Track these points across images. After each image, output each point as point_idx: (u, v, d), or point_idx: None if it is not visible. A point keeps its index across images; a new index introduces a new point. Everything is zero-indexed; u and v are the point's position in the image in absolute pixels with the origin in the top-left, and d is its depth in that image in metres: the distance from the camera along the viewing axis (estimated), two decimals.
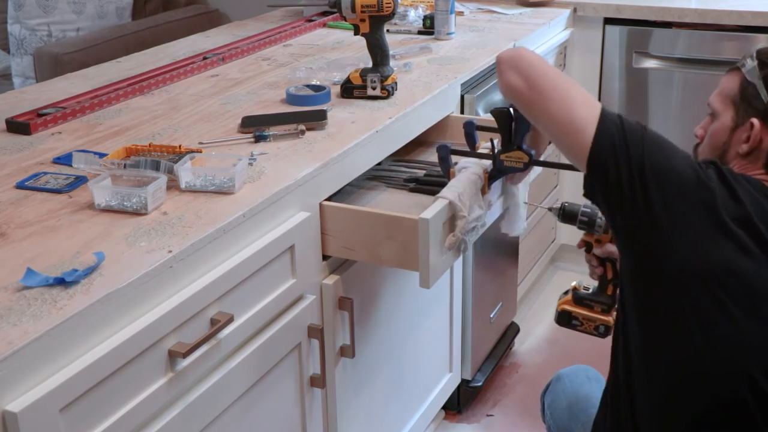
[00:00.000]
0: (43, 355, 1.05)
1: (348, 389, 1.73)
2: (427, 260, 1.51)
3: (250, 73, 2.12)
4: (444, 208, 1.53)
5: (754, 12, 2.64)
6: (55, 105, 1.85)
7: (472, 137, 1.71)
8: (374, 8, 1.82)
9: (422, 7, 2.70)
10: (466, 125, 1.71)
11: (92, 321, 1.11)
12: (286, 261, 1.47)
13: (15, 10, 3.62)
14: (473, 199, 1.60)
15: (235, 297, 1.35)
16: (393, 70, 1.91)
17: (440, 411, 2.33)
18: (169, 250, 1.24)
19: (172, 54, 2.32)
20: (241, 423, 1.41)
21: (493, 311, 2.46)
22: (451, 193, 1.55)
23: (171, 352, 1.22)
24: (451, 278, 2.15)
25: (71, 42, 3.40)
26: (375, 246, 1.56)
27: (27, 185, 1.47)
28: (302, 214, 1.50)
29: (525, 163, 1.60)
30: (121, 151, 1.56)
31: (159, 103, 1.90)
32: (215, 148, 1.63)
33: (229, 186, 1.43)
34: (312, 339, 1.55)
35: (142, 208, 1.35)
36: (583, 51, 2.86)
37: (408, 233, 1.52)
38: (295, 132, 1.68)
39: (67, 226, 1.32)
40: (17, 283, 1.15)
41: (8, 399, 1.01)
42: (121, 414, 1.15)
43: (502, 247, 2.48)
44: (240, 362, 1.37)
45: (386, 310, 1.85)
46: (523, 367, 2.65)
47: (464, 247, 1.61)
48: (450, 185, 1.58)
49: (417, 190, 1.78)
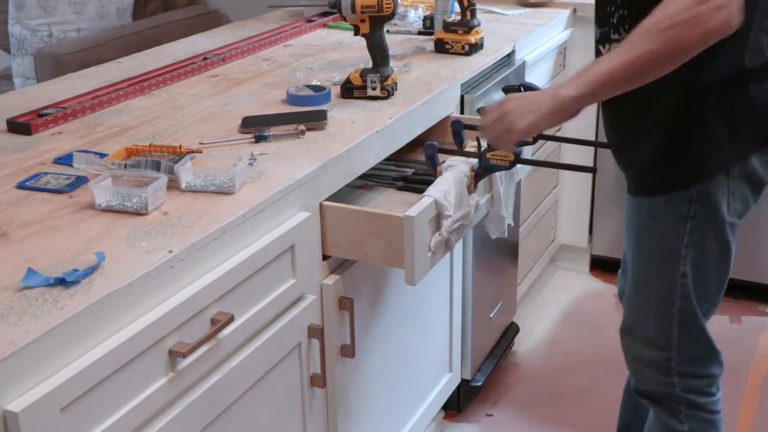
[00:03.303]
0: (44, 355, 1.05)
1: (348, 389, 1.74)
2: (412, 257, 1.52)
3: (250, 74, 2.12)
4: (429, 205, 1.54)
5: None
6: (55, 105, 1.85)
7: (460, 136, 1.71)
8: (374, 8, 1.82)
9: (422, 7, 2.70)
10: (454, 124, 1.71)
11: (93, 321, 1.11)
12: (287, 261, 1.47)
13: (16, 11, 3.62)
14: (459, 197, 1.60)
15: (235, 297, 1.35)
16: (393, 70, 1.91)
17: (440, 411, 2.33)
18: (169, 250, 1.24)
19: (172, 54, 2.32)
20: (241, 423, 1.41)
21: (493, 311, 2.46)
22: (437, 192, 1.56)
23: (171, 352, 1.22)
24: (451, 278, 2.15)
25: (72, 42, 3.40)
26: (361, 243, 1.57)
27: (28, 185, 1.47)
28: (302, 214, 1.51)
29: (511, 161, 1.60)
30: (122, 152, 1.56)
31: (159, 104, 1.90)
32: (215, 148, 1.63)
33: (230, 186, 1.43)
34: (312, 339, 1.55)
35: (142, 208, 1.35)
36: (583, 51, 2.86)
37: (393, 231, 1.53)
38: (295, 132, 1.68)
39: (67, 226, 1.32)
40: (18, 283, 1.15)
41: (9, 399, 1.01)
42: (122, 414, 1.15)
43: (502, 247, 2.48)
44: (240, 362, 1.37)
45: (386, 310, 1.85)
46: (523, 367, 2.65)
47: (450, 245, 1.61)
48: (436, 183, 1.59)
49: (405, 189, 1.79)
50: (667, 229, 1.58)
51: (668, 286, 1.61)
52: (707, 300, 1.63)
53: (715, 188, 1.54)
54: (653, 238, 1.62)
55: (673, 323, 1.62)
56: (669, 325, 1.63)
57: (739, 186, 1.56)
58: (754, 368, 2.60)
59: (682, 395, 1.66)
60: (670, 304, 1.62)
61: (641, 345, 1.68)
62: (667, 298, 1.62)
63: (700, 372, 1.66)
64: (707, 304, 1.64)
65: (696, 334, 1.64)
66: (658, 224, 1.60)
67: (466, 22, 2.25)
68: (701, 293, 1.61)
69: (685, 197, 1.55)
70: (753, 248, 2.90)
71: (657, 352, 1.66)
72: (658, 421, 1.73)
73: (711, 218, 1.56)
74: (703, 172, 1.53)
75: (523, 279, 2.78)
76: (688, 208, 1.55)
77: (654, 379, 1.69)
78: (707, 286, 1.62)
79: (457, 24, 2.25)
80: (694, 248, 1.57)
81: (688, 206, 1.55)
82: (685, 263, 1.58)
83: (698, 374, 1.66)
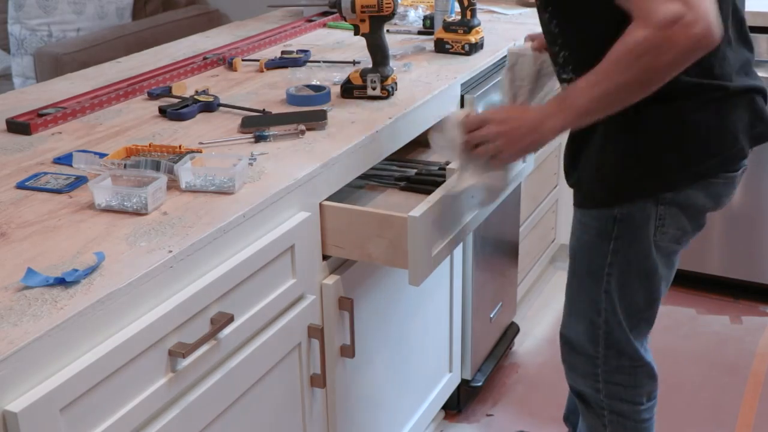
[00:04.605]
0: (44, 355, 1.05)
1: (348, 389, 1.73)
2: (416, 258, 1.53)
3: (250, 74, 2.12)
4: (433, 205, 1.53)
5: (754, 12, 2.63)
6: (55, 105, 1.85)
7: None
8: (374, 8, 1.82)
9: (422, 7, 2.70)
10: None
11: (92, 321, 1.11)
12: (287, 261, 1.47)
13: (15, 11, 3.62)
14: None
15: (235, 297, 1.35)
16: (393, 70, 1.91)
17: (440, 411, 2.33)
18: (169, 250, 1.24)
19: (172, 54, 2.32)
20: (241, 423, 1.41)
21: (493, 311, 2.46)
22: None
23: (171, 352, 1.22)
24: (451, 278, 2.15)
25: (71, 42, 3.40)
26: (365, 244, 1.57)
27: (27, 185, 1.47)
28: (302, 214, 1.50)
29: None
30: (122, 151, 1.56)
31: (159, 103, 1.90)
32: (215, 148, 1.63)
33: (229, 186, 1.43)
34: (312, 339, 1.55)
35: (142, 208, 1.35)
36: None
37: (397, 231, 1.52)
38: (295, 132, 1.68)
39: (67, 226, 1.32)
40: (18, 283, 1.15)
41: (8, 399, 1.01)
42: (122, 414, 1.15)
43: (502, 247, 2.48)
44: (240, 362, 1.37)
45: (386, 310, 1.85)
46: (523, 367, 2.65)
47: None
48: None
49: (407, 189, 1.79)
50: (594, 245, 1.59)
51: (594, 298, 1.62)
52: (634, 316, 1.63)
53: (640, 211, 1.52)
54: (583, 249, 1.63)
55: (600, 333, 1.64)
56: (596, 335, 1.65)
57: (670, 212, 1.52)
58: (754, 368, 2.61)
59: (606, 401, 1.70)
60: (596, 314, 1.63)
61: (571, 348, 1.72)
62: (593, 309, 1.63)
63: (626, 382, 1.68)
64: (635, 320, 1.63)
65: (621, 346, 1.65)
66: (587, 237, 1.61)
67: (466, 21, 2.25)
68: (627, 310, 1.61)
69: (609, 216, 1.54)
70: (753, 248, 2.90)
71: (584, 357, 1.69)
72: (584, 422, 1.79)
73: (634, 241, 1.54)
74: (626, 195, 1.51)
75: (523, 279, 2.77)
76: (612, 227, 1.54)
77: (582, 382, 1.73)
78: (633, 304, 1.61)
79: (457, 24, 2.25)
80: (618, 267, 1.57)
81: (612, 225, 1.54)
82: (609, 281, 1.59)
83: (623, 383, 1.68)
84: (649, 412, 1.73)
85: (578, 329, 1.69)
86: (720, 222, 2.89)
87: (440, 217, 1.58)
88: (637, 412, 1.72)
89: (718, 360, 2.65)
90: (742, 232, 2.89)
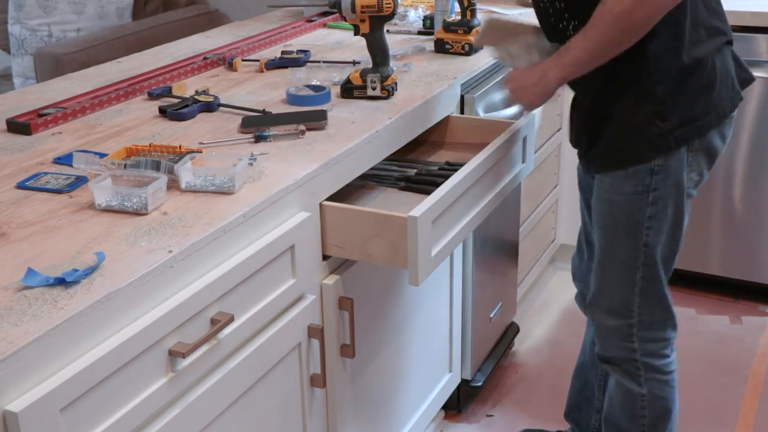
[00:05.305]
0: (44, 355, 1.05)
1: (348, 389, 1.74)
2: (415, 258, 1.53)
3: (250, 74, 2.12)
4: (433, 204, 1.54)
5: (753, 12, 2.64)
6: (55, 105, 1.85)
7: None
8: (374, 8, 1.82)
9: (422, 7, 2.70)
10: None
11: (92, 321, 1.11)
12: (287, 261, 1.47)
13: (15, 11, 3.62)
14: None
15: (235, 297, 1.35)
16: (393, 70, 1.91)
17: (440, 411, 2.33)
18: (169, 250, 1.24)
19: (172, 54, 2.33)
20: (241, 423, 1.41)
21: (493, 311, 2.46)
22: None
23: (171, 352, 1.22)
24: (451, 278, 2.15)
25: (72, 42, 3.40)
26: (365, 244, 1.57)
27: (27, 185, 1.47)
28: (302, 214, 1.51)
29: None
30: (122, 151, 1.56)
31: (159, 103, 1.90)
32: (215, 148, 1.63)
33: (230, 186, 1.43)
34: (312, 339, 1.55)
35: (142, 208, 1.35)
36: None
37: (397, 231, 1.53)
38: (295, 132, 1.68)
39: (67, 226, 1.32)
40: (18, 283, 1.15)
41: (8, 399, 1.02)
42: (122, 414, 1.15)
43: (502, 247, 2.48)
44: (240, 362, 1.37)
45: (386, 310, 1.85)
46: (523, 367, 2.65)
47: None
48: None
49: (407, 189, 1.79)
50: (630, 202, 1.67)
51: (632, 255, 1.70)
52: (668, 265, 1.74)
53: (676, 161, 1.62)
54: (617, 210, 1.69)
55: (635, 290, 1.73)
56: (631, 293, 1.73)
57: (697, 158, 1.65)
58: (754, 368, 2.61)
59: (641, 359, 1.78)
60: (633, 272, 1.71)
61: (605, 314, 1.79)
62: (630, 268, 1.71)
63: (658, 336, 1.78)
64: (668, 268, 1.74)
65: (657, 299, 1.74)
66: (620, 198, 1.68)
67: (466, 22, 2.25)
68: (664, 259, 1.71)
69: (646, 170, 1.63)
70: (753, 248, 2.90)
71: (619, 320, 1.76)
72: (619, 387, 1.84)
73: (671, 190, 1.64)
74: (665, 147, 1.61)
75: (523, 279, 2.77)
76: (650, 180, 1.63)
77: (616, 346, 1.80)
78: (669, 252, 1.72)
79: (457, 24, 2.25)
80: (656, 218, 1.66)
81: (650, 178, 1.63)
82: (648, 233, 1.67)
83: (656, 338, 1.78)
84: (674, 363, 1.83)
85: (613, 295, 1.77)
86: (720, 222, 2.89)
87: (440, 217, 1.58)
88: (667, 364, 1.81)
89: (718, 360, 2.65)
90: (742, 232, 2.89)
